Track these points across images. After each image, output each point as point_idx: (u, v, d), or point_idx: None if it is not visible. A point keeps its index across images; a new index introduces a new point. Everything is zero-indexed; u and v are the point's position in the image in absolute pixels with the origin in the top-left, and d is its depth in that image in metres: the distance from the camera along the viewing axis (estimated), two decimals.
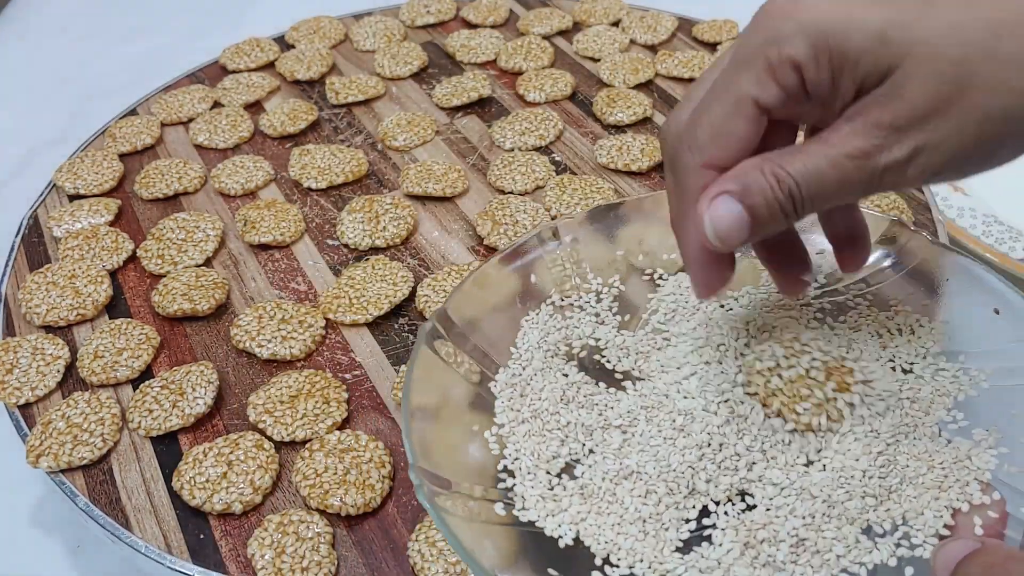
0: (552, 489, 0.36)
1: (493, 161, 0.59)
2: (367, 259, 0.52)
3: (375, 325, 0.49)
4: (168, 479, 0.42)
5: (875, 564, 0.33)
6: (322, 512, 0.40)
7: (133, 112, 0.67)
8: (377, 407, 0.45)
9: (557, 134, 0.62)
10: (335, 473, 0.41)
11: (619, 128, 0.63)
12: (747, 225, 0.31)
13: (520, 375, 0.40)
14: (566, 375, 0.40)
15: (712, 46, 0.71)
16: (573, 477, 0.37)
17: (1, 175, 0.73)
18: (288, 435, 0.43)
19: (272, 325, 0.48)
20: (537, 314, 0.43)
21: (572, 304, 0.44)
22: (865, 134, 0.29)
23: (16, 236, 0.56)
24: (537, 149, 0.61)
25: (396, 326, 0.49)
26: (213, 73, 0.71)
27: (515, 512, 0.35)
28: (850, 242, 0.38)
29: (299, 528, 0.39)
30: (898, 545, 0.33)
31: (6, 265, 0.54)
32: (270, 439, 0.43)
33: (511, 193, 0.57)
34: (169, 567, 0.39)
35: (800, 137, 0.34)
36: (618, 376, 0.40)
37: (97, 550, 0.48)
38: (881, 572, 0.33)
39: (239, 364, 0.47)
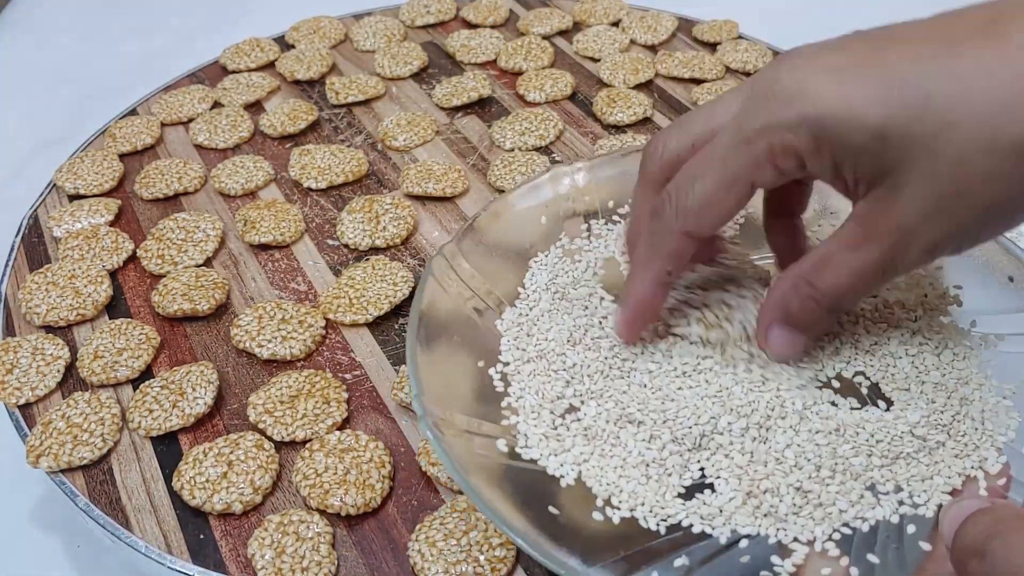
0: (555, 429, 0.36)
1: (493, 161, 0.59)
2: (367, 259, 0.52)
3: (375, 325, 0.49)
4: (168, 479, 0.42)
5: (877, 520, 0.33)
6: (322, 512, 0.40)
7: (133, 112, 0.67)
8: (377, 407, 0.45)
9: (557, 134, 0.62)
10: (335, 473, 0.41)
11: (619, 128, 0.63)
12: (801, 339, 0.35)
13: (527, 315, 0.41)
14: (582, 310, 0.40)
15: (712, 46, 0.71)
16: (577, 419, 0.37)
17: (1, 175, 0.73)
18: (288, 435, 0.43)
19: (272, 325, 0.48)
20: (546, 256, 0.43)
21: (582, 248, 0.44)
22: (879, 239, 0.30)
23: (16, 236, 0.56)
24: (537, 149, 0.61)
25: (396, 326, 0.49)
26: (213, 73, 0.71)
27: (517, 449, 0.35)
28: (794, 254, 0.38)
29: (299, 528, 0.39)
30: (901, 503, 0.33)
31: (6, 265, 0.54)
32: (270, 439, 0.43)
33: None
34: (169, 567, 0.39)
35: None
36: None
37: (97, 550, 0.48)
38: (882, 528, 0.33)
39: (239, 364, 0.47)
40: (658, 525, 0.33)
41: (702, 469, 0.35)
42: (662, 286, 0.36)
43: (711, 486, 0.34)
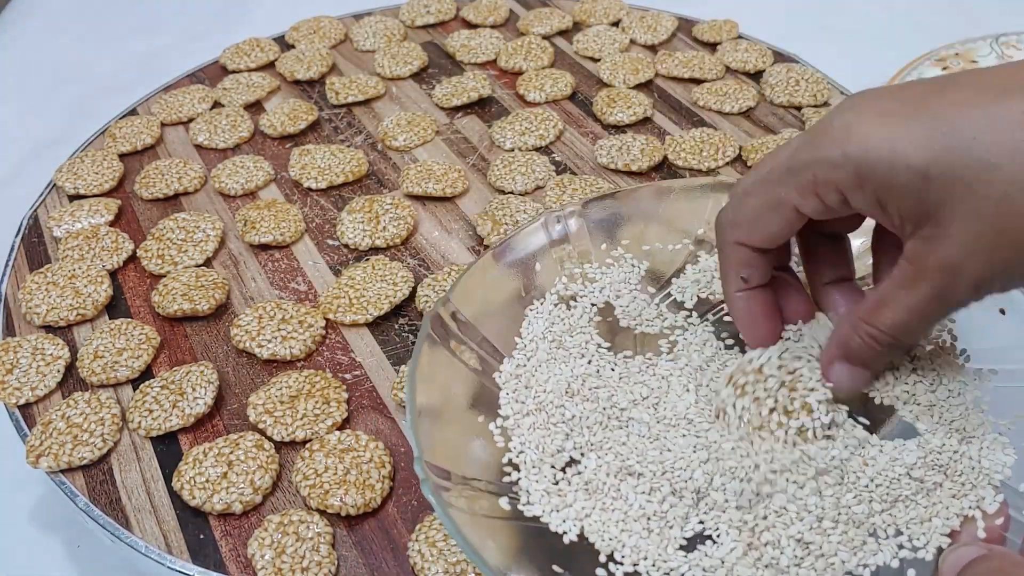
0: (557, 484, 0.36)
1: (493, 161, 0.59)
2: (367, 259, 0.52)
3: (375, 325, 0.49)
4: (168, 479, 0.42)
5: (878, 566, 0.33)
6: (322, 512, 0.40)
7: (133, 112, 0.67)
8: (377, 407, 0.45)
9: (557, 134, 0.62)
10: (335, 473, 0.41)
11: (619, 128, 0.63)
12: (862, 374, 0.36)
13: (525, 366, 0.40)
14: (580, 357, 0.40)
15: (712, 46, 0.71)
16: (578, 472, 0.36)
17: (1, 175, 0.73)
18: (288, 435, 0.43)
19: (272, 325, 0.48)
20: (542, 303, 0.43)
21: (577, 294, 0.44)
22: (929, 277, 0.31)
23: (16, 236, 0.56)
24: (537, 149, 0.61)
25: (396, 326, 0.49)
26: (213, 73, 0.71)
27: (520, 507, 0.35)
28: (838, 283, 0.39)
29: (299, 528, 0.39)
30: (900, 547, 0.33)
31: (6, 265, 0.54)
32: (270, 439, 0.43)
33: (511, 193, 0.57)
34: (169, 567, 0.39)
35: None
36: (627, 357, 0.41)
37: (97, 550, 0.48)
38: (883, 573, 0.33)
39: (239, 364, 0.47)
40: None
41: (702, 521, 0.35)
42: (746, 290, 0.37)
43: (712, 537, 0.34)
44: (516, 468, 0.37)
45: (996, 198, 0.29)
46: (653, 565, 0.34)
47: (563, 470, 0.37)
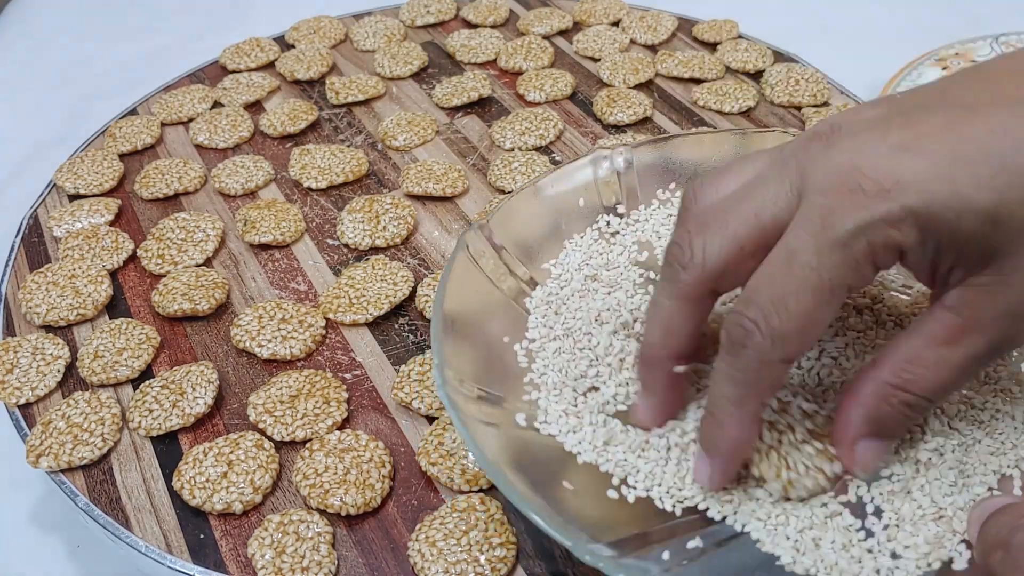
0: (576, 406, 0.36)
1: (493, 161, 0.59)
2: (367, 259, 0.52)
3: (375, 325, 0.49)
4: (168, 479, 0.42)
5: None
6: (322, 512, 0.40)
7: (133, 112, 0.67)
8: (377, 407, 0.45)
9: (557, 134, 0.62)
10: (335, 473, 0.41)
11: (619, 128, 0.63)
12: (890, 445, 0.32)
13: (558, 294, 0.41)
14: (605, 294, 0.40)
15: (712, 46, 0.71)
16: (598, 399, 0.37)
17: (1, 175, 0.73)
18: (288, 435, 0.43)
19: (272, 325, 0.48)
20: (581, 237, 0.43)
21: (618, 231, 0.44)
22: (986, 328, 0.28)
23: (16, 236, 0.56)
24: (537, 149, 0.61)
25: (396, 326, 0.49)
26: (213, 73, 0.71)
27: (536, 424, 0.35)
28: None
29: (299, 528, 0.39)
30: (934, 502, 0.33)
31: (6, 265, 0.54)
32: (270, 439, 0.43)
33: (511, 193, 0.57)
34: (169, 567, 0.39)
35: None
36: None
37: (97, 550, 0.48)
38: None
39: (239, 364, 0.47)
40: (674, 507, 0.33)
41: None
42: (757, 421, 0.32)
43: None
44: (537, 389, 0.37)
45: None
46: (667, 492, 0.33)
47: (584, 395, 0.37)
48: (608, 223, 0.44)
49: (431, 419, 0.44)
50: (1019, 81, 0.28)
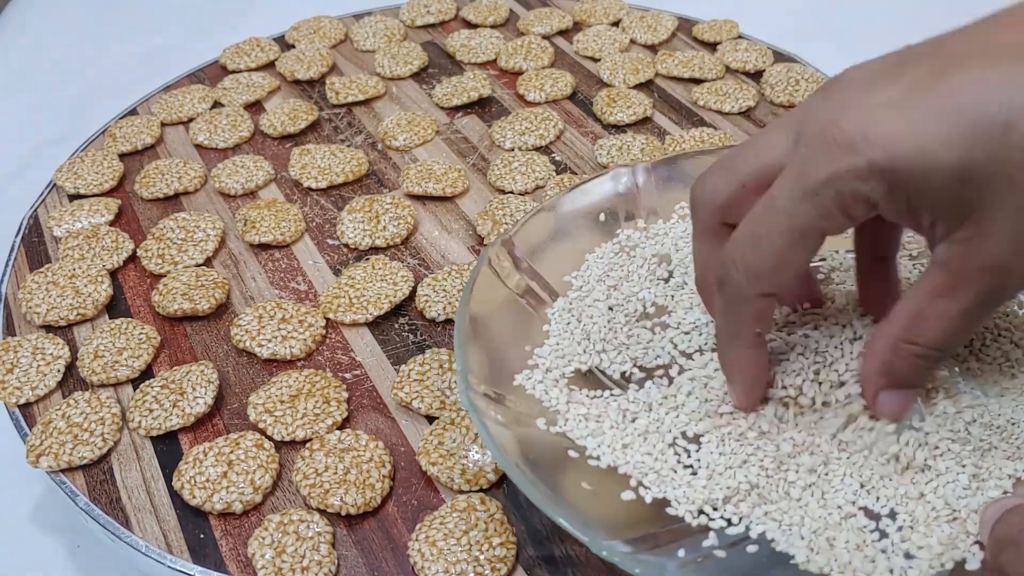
0: (595, 411, 0.37)
1: (493, 161, 0.59)
2: (367, 259, 0.52)
3: (375, 325, 0.49)
4: (168, 479, 0.42)
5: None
6: (322, 512, 0.40)
7: (133, 112, 0.67)
8: (377, 407, 0.45)
9: (557, 134, 0.62)
10: (335, 473, 0.41)
11: (619, 128, 0.63)
12: (912, 394, 0.33)
13: (579, 304, 0.42)
14: (618, 307, 0.41)
15: (712, 46, 0.71)
16: (617, 403, 0.37)
17: (1, 175, 0.73)
18: (288, 435, 0.43)
19: (272, 325, 0.48)
20: (602, 250, 0.44)
21: (639, 244, 0.44)
22: (972, 282, 0.29)
23: (16, 236, 0.56)
24: (537, 149, 0.61)
25: (396, 326, 0.49)
26: (213, 73, 0.71)
27: (555, 429, 0.36)
28: (887, 300, 0.37)
29: (299, 528, 0.39)
30: (947, 504, 0.33)
31: (6, 265, 0.54)
32: (270, 439, 0.43)
33: (511, 193, 0.57)
34: (169, 567, 0.39)
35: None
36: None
37: (97, 550, 0.48)
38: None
39: (239, 364, 0.47)
40: (687, 512, 0.33)
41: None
42: (758, 347, 0.34)
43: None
44: (535, 370, 0.38)
45: None
46: (684, 495, 0.34)
47: (604, 400, 0.38)
48: (628, 236, 0.45)
49: (431, 419, 0.44)
50: (1016, 29, 0.28)
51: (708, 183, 0.34)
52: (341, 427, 0.44)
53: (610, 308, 0.41)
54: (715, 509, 0.33)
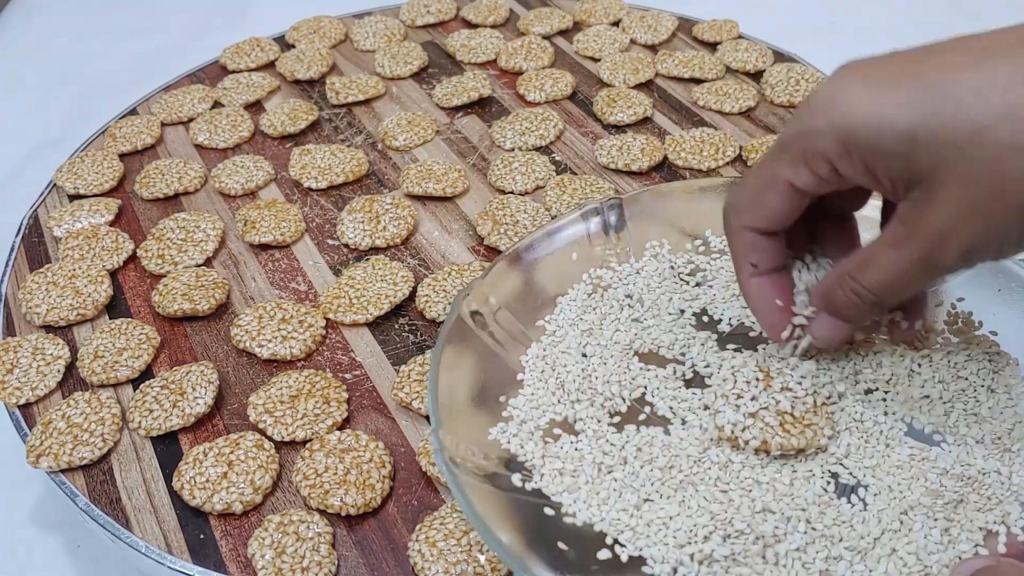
0: (570, 465, 0.36)
1: (493, 161, 0.59)
2: (367, 259, 0.52)
3: (375, 325, 0.49)
4: (168, 479, 0.42)
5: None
6: (322, 512, 0.40)
7: (133, 112, 0.67)
8: (377, 407, 0.45)
9: (557, 134, 0.62)
10: (335, 473, 0.41)
11: (619, 128, 0.63)
12: (843, 328, 0.36)
13: (553, 350, 0.41)
14: (590, 354, 0.41)
15: (712, 46, 0.71)
16: (592, 457, 0.37)
17: (1, 175, 0.73)
18: (288, 435, 0.43)
19: (272, 325, 0.48)
20: (575, 291, 0.43)
21: (611, 285, 0.44)
22: (918, 240, 0.31)
23: (16, 236, 0.56)
24: (537, 149, 0.61)
25: (396, 326, 0.49)
26: (213, 73, 0.71)
27: (530, 485, 0.36)
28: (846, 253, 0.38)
29: (299, 528, 0.39)
30: (919, 559, 0.33)
31: (6, 265, 0.54)
32: (270, 439, 0.43)
33: (511, 193, 0.57)
34: (169, 567, 0.39)
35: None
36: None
37: (97, 550, 0.48)
38: None
39: (239, 364, 0.47)
40: (661, 571, 0.33)
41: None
42: (758, 277, 0.37)
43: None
44: (508, 422, 0.38)
45: (987, 161, 0.28)
46: (659, 552, 0.33)
47: (579, 453, 0.37)
48: (600, 277, 0.45)
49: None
50: (1009, 35, 0.30)
51: (732, 190, 0.37)
52: (341, 427, 0.44)
53: (584, 355, 0.41)
54: (690, 568, 0.33)
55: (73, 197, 0.59)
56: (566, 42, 0.73)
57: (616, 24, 0.75)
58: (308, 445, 0.42)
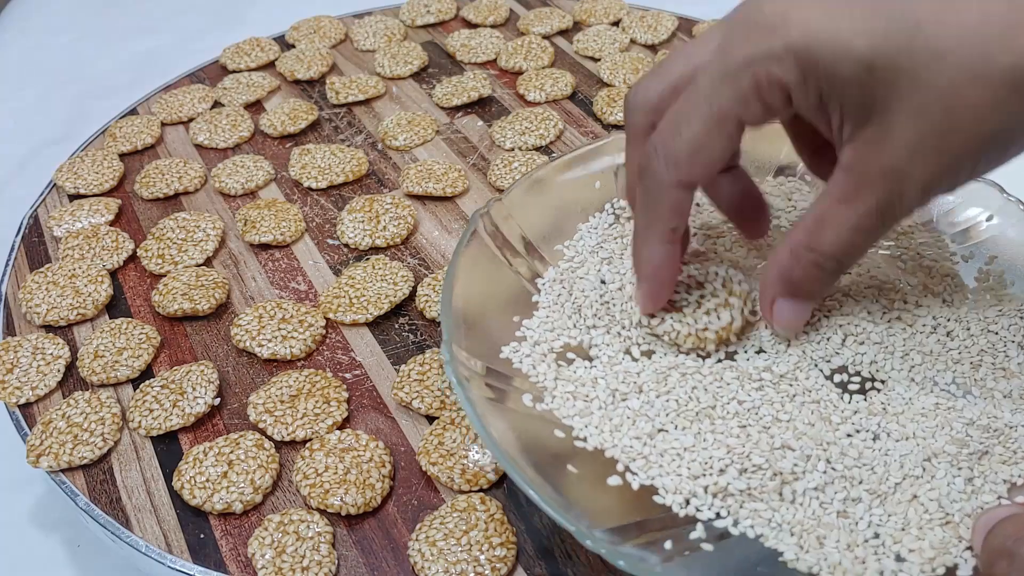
0: (584, 388, 0.36)
1: (493, 161, 0.59)
2: (367, 259, 0.52)
3: (375, 325, 0.49)
4: (168, 479, 0.42)
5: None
6: (322, 512, 0.40)
7: (133, 112, 0.67)
8: (377, 407, 0.45)
9: (557, 134, 0.62)
10: (335, 473, 0.41)
11: (619, 128, 0.63)
12: (807, 308, 0.33)
13: (571, 274, 0.40)
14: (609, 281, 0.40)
15: None
16: (605, 381, 0.36)
17: (1, 175, 0.73)
18: (288, 435, 0.43)
19: (272, 325, 0.48)
20: (596, 219, 0.43)
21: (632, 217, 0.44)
22: (872, 186, 0.28)
23: (16, 236, 0.56)
24: (537, 149, 0.61)
25: (396, 326, 0.49)
26: (213, 73, 0.71)
27: (541, 406, 0.35)
28: (750, 212, 0.37)
29: (299, 528, 0.39)
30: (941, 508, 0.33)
31: (6, 265, 0.54)
32: (270, 439, 0.43)
33: None
34: (169, 567, 0.39)
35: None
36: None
37: (97, 550, 0.48)
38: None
39: (239, 364, 0.47)
40: (673, 501, 0.33)
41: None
42: (671, 245, 0.33)
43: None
44: (522, 343, 0.37)
45: (943, 89, 0.26)
46: (671, 483, 0.33)
47: (593, 378, 0.37)
48: (623, 208, 0.44)
49: (431, 419, 0.44)
50: None
51: (640, 87, 0.33)
52: (341, 427, 0.44)
53: (603, 282, 0.39)
54: (704, 500, 0.32)
55: (73, 197, 0.59)
56: (566, 42, 0.73)
57: (616, 24, 0.75)
58: (308, 445, 0.42)
